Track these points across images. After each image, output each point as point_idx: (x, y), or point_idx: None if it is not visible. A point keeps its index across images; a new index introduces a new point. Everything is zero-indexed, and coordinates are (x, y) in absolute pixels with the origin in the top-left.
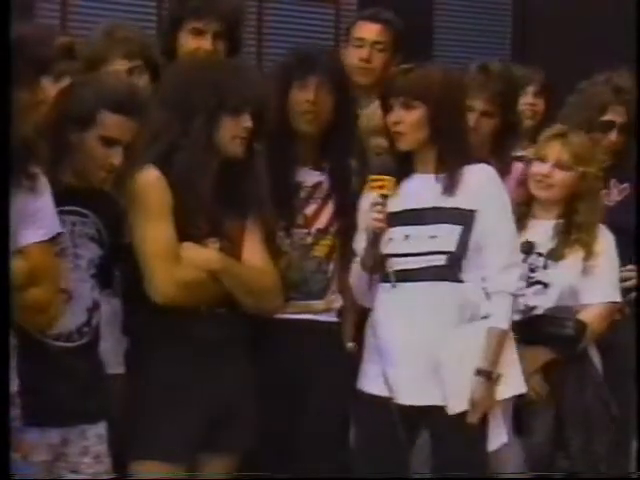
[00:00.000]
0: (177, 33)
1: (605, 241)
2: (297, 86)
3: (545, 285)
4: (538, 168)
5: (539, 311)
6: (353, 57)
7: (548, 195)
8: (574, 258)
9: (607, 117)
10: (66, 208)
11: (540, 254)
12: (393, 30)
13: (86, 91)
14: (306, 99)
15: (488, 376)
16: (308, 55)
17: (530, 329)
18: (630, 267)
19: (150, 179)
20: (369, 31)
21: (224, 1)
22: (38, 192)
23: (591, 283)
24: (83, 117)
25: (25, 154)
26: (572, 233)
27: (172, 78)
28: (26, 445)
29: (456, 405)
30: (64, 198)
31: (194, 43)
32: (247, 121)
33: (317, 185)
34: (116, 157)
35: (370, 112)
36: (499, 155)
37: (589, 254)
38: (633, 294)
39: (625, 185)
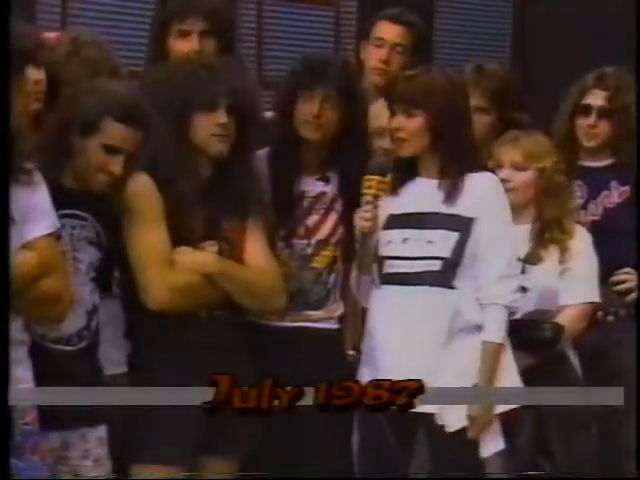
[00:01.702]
0: (165, 38)
1: (582, 241)
2: (303, 96)
3: (524, 289)
4: (497, 174)
5: (518, 316)
6: (371, 57)
7: (512, 199)
8: (551, 260)
9: (585, 101)
10: (65, 212)
11: (518, 259)
12: (414, 33)
13: (92, 97)
14: (310, 111)
15: (486, 392)
16: (318, 65)
17: (509, 334)
18: (627, 270)
19: (139, 184)
20: (390, 32)
21: (206, 0)
22: (35, 187)
23: (569, 284)
24: (87, 123)
25: (18, 150)
26: (545, 233)
27: (148, 83)
28: (43, 448)
29: (454, 423)
30: (63, 202)
31: (182, 45)
32: (222, 117)
33: (320, 195)
34: (116, 165)
35: (373, 113)
36: None
37: (564, 252)
38: (631, 296)
39: (626, 187)
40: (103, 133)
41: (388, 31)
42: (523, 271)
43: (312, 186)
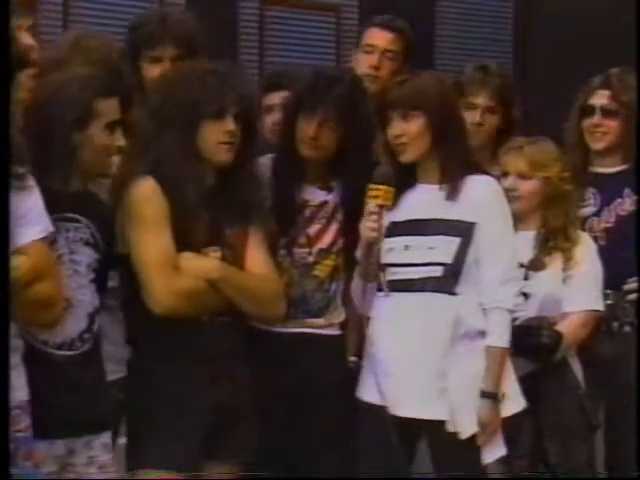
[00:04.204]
0: (138, 63)
1: (586, 248)
2: (304, 116)
3: (526, 296)
4: (502, 183)
5: (518, 322)
6: (362, 63)
7: (517, 208)
8: (554, 267)
9: (589, 102)
10: (57, 215)
11: (521, 265)
12: (405, 39)
13: (74, 89)
14: (307, 133)
15: (494, 397)
16: (321, 84)
17: (509, 340)
18: (637, 278)
19: (146, 190)
20: (381, 38)
21: (176, 25)
22: (28, 192)
23: (571, 292)
24: (83, 113)
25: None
26: (549, 241)
27: (155, 88)
28: (37, 455)
29: (466, 430)
30: (54, 205)
31: (154, 71)
32: (230, 124)
33: (322, 204)
34: (120, 139)
35: None
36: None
37: (568, 261)
38: None
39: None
40: (102, 114)
41: (378, 37)
42: (526, 277)
43: (314, 195)
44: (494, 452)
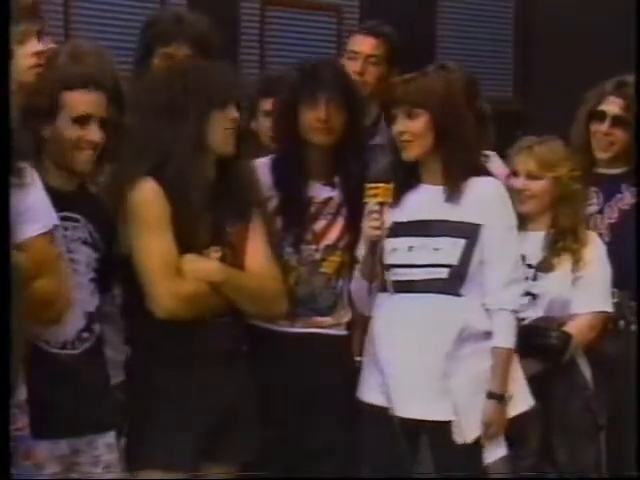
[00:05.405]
0: (149, 59)
1: (595, 249)
2: (306, 105)
3: (534, 296)
4: (513, 183)
5: (527, 323)
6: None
7: (528, 209)
8: (563, 269)
9: (601, 107)
10: (56, 214)
11: (530, 266)
12: (389, 44)
13: (43, 82)
14: (317, 118)
15: (500, 398)
16: (315, 71)
17: (517, 340)
18: None
19: (147, 192)
20: (363, 44)
21: (191, 25)
22: (29, 187)
23: (580, 293)
24: (48, 106)
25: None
26: (558, 241)
27: (154, 86)
28: (38, 455)
29: (471, 433)
30: (52, 204)
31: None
32: (233, 112)
33: (327, 201)
34: (93, 134)
35: None
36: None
37: (577, 262)
38: None
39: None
40: (66, 106)
41: (361, 44)
42: (535, 278)
43: (319, 191)
44: (495, 452)
